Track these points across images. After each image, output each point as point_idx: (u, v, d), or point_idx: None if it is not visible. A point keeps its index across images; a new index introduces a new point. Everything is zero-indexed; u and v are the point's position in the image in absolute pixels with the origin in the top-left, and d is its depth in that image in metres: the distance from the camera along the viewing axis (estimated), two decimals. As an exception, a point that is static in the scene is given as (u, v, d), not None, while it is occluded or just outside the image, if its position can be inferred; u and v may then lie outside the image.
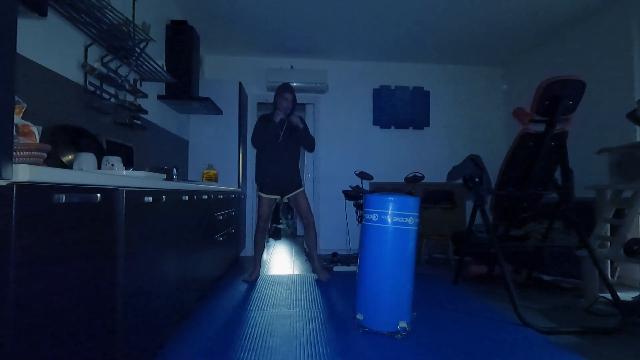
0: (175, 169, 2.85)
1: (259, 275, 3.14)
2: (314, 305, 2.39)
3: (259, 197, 3.11)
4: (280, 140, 3.03)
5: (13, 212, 0.74)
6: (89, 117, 1.96)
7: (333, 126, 4.63)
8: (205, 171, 3.55)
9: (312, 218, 3.14)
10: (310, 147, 3.16)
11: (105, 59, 2.08)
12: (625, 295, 2.40)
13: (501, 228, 3.00)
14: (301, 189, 3.11)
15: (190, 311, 2.15)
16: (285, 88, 3.03)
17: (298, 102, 4.61)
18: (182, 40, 3.15)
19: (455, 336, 1.89)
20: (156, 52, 2.77)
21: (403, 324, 1.88)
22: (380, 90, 4.68)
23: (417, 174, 3.60)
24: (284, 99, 2.99)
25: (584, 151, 3.20)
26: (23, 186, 0.76)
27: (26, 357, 0.79)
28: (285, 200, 3.18)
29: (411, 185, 3.70)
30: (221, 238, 2.74)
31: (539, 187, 2.53)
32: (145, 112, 2.51)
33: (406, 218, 1.90)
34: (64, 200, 0.89)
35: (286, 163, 3.06)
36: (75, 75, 1.85)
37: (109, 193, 1.12)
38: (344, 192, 3.84)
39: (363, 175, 3.73)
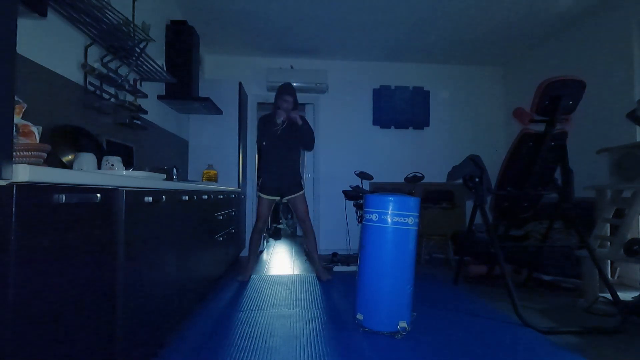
0: (175, 169, 2.85)
1: (251, 275, 3.13)
2: (314, 305, 2.39)
3: (259, 197, 3.13)
4: (279, 139, 3.04)
5: (13, 212, 0.74)
6: (89, 117, 1.96)
7: (333, 126, 4.63)
8: (205, 171, 3.55)
9: (310, 222, 3.14)
10: (309, 144, 3.13)
11: (105, 59, 2.08)
12: (625, 295, 2.40)
13: (501, 228, 3.00)
14: (300, 193, 3.11)
15: (190, 311, 2.15)
16: (285, 90, 3.02)
17: (298, 102, 4.63)
18: (182, 40, 3.15)
19: (455, 336, 1.89)
20: (156, 52, 2.77)
21: (403, 324, 1.88)
22: (380, 90, 4.68)
23: (417, 174, 3.60)
24: (284, 101, 2.99)
25: (584, 151, 3.20)
26: (23, 186, 0.76)
27: (26, 357, 0.79)
28: (284, 201, 3.19)
29: (411, 185, 3.70)
30: (221, 238, 2.74)
31: (539, 187, 2.52)
32: (145, 112, 2.51)
33: (406, 218, 1.90)
34: (64, 200, 0.89)
35: (286, 164, 3.08)
36: (75, 75, 1.85)
37: (109, 193, 1.12)
38: (344, 192, 3.84)
39: (363, 175, 3.73)
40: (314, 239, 3.15)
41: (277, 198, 3.14)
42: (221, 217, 2.76)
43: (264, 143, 3.08)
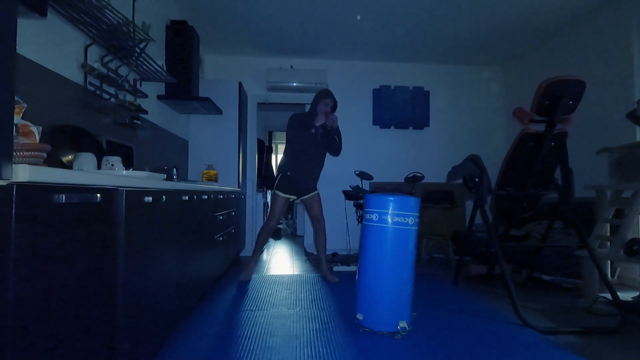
0: (175, 169, 2.85)
1: (253, 274, 3.13)
2: (314, 305, 2.39)
3: (275, 195, 3.07)
4: (312, 142, 3.02)
5: (13, 212, 0.74)
6: (89, 117, 1.96)
7: (333, 126, 4.63)
8: (205, 171, 3.55)
9: (323, 221, 3.14)
10: (339, 150, 3.13)
11: (105, 59, 2.08)
12: (625, 295, 2.40)
13: (501, 228, 3.00)
14: (316, 192, 3.14)
15: (190, 311, 2.15)
16: (327, 94, 3.05)
17: (298, 102, 4.64)
18: (182, 40, 3.14)
19: (455, 336, 1.89)
20: (156, 52, 2.77)
21: (403, 324, 1.88)
22: (380, 90, 4.68)
23: (417, 174, 3.60)
24: (325, 104, 2.99)
25: (584, 151, 3.20)
26: (23, 186, 0.76)
27: (26, 357, 0.79)
28: (298, 201, 3.18)
29: (411, 185, 3.70)
30: (221, 238, 2.74)
31: (538, 187, 2.53)
32: (145, 112, 2.51)
33: (406, 218, 1.90)
34: (64, 200, 0.89)
35: (313, 166, 3.09)
36: (75, 75, 1.85)
37: (109, 193, 1.11)
38: (344, 192, 3.84)
39: (363, 175, 3.73)
40: (325, 238, 3.15)
41: (294, 197, 3.11)
42: (221, 217, 2.76)
43: (296, 142, 3.03)
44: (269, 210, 3.32)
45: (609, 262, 2.61)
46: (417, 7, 3.33)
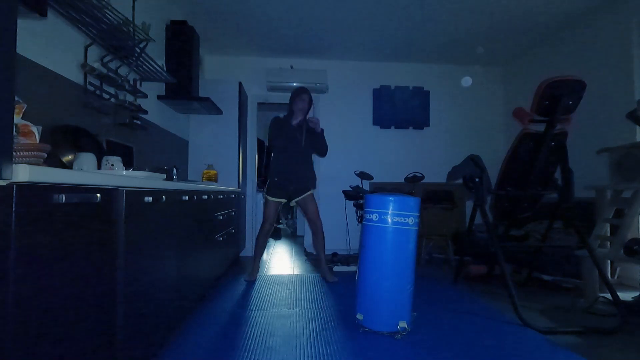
0: (175, 169, 2.85)
1: (257, 275, 3.13)
2: (314, 305, 2.39)
3: (266, 200, 3.09)
4: (293, 141, 3.03)
5: (13, 212, 0.74)
6: (89, 117, 1.96)
7: (333, 126, 4.61)
8: (205, 171, 3.55)
9: (320, 222, 3.13)
10: (324, 151, 3.18)
11: (105, 59, 2.08)
12: (625, 295, 2.40)
13: (501, 228, 3.00)
14: (308, 193, 3.11)
15: (191, 311, 2.15)
16: (302, 90, 3.09)
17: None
18: (182, 40, 3.15)
19: (455, 336, 1.89)
20: (156, 52, 2.77)
21: (403, 324, 1.88)
22: (380, 90, 4.68)
23: (417, 174, 3.60)
24: (302, 100, 3.03)
25: (584, 151, 3.20)
26: (23, 186, 0.76)
27: (26, 357, 0.79)
28: (292, 204, 3.18)
29: (411, 185, 3.70)
30: (221, 238, 2.74)
31: (539, 187, 2.53)
32: (145, 112, 2.51)
33: (406, 218, 1.90)
34: (64, 200, 0.89)
35: (298, 166, 3.06)
36: (75, 75, 1.85)
37: (109, 193, 1.12)
38: (344, 192, 3.84)
39: (363, 175, 3.73)
40: (323, 239, 3.14)
41: (284, 200, 3.12)
42: (221, 217, 2.76)
43: (277, 144, 3.06)
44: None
45: (609, 262, 2.61)
46: (417, 7, 3.33)
